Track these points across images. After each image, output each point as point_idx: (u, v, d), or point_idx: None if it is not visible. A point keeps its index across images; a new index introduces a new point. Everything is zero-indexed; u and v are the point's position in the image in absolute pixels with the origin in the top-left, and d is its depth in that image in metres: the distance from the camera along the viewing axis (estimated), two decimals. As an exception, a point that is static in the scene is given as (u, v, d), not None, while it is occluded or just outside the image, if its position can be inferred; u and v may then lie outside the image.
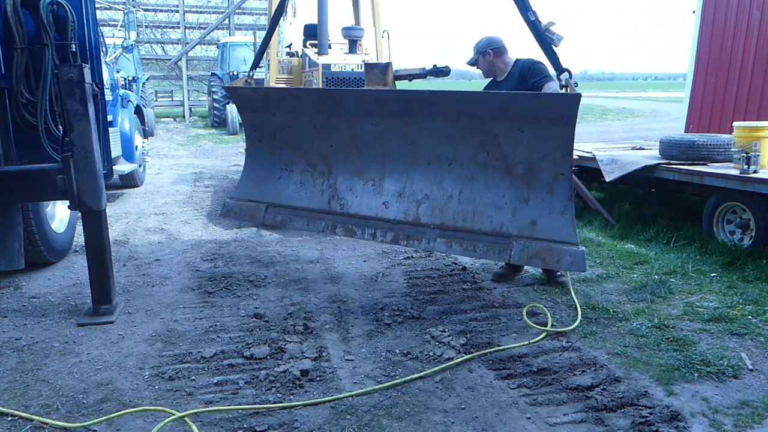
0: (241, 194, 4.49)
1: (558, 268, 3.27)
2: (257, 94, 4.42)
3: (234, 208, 4.50)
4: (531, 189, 3.42)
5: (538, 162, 3.35)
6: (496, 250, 3.46)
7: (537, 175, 3.38)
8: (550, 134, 3.25)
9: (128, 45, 9.13)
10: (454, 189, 3.68)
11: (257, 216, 4.36)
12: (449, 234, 3.63)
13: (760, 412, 2.68)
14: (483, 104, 3.49)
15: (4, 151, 3.92)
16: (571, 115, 3.13)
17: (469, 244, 3.55)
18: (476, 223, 3.56)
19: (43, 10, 3.77)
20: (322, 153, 4.17)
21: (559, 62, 3.48)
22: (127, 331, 3.55)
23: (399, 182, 3.89)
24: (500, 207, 3.50)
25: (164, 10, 22.08)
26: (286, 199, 4.29)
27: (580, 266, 3.23)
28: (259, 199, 4.38)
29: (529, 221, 3.40)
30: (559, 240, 3.28)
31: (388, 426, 2.57)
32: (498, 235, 3.48)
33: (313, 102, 4.11)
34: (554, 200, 3.34)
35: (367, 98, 3.98)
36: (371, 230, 3.90)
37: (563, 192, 3.31)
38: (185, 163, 11.35)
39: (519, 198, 3.46)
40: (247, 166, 4.56)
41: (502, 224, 3.48)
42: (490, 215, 3.53)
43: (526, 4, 3.52)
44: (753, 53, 7.64)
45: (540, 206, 3.38)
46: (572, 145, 3.23)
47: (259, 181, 4.44)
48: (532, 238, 3.37)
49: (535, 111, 3.28)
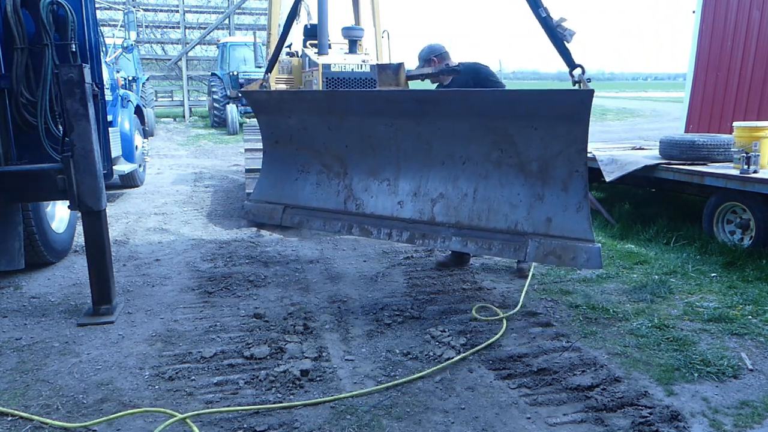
0: (259, 196, 4.53)
1: (574, 266, 3.24)
2: (272, 97, 4.45)
3: (253, 210, 4.55)
4: (545, 186, 3.40)
5: (553, 159, 3.33)
6: (512, 248, 3.44)
7: (551, 172, 3.36)
8: (564, 131, 3.22)
9: (128, 45, 9.13)
10: (468, 187, 3.67)
11: (275, 217, 4.39)
12: (464, 232, 3.61)
13: (760, 412, 2.68)
14: (495, 102, 3.49)
15: (4, 151, 3.92)
16: (585, 111, 3.10)
17: (485, 242, 3.53)
18: (491, 221, 3.54)
19: (43, 10, 3.77)
20: (337, 154, 4.18)
21: (572, 58, 3.47)
22: (127, 331, 3.55)
23: (414, 182, 3.89)
24: (515, 205, 3.49)
25: (164, 10, 22.08)
26: (303, 200, 4.31)
27: (596, 263, 3.17)
28: (277, 200, 4.41)
29: (544, 218, 3.38)
30: (575, 237, 3.25)
31: (388, 426, 2.57)
32: (513, 233, 3.46)
33: (325, 104, 4.12)
34: (569, 197, 3.31)
35: (379, 99, 3.98)
36: (387, 230, 3.90)
37: (578, 189, 3.28)
38: (185, 163, 11.35)
39: (534, 195, 3.44)
40: (264, 168, 4.59)
41: (517, 222, 3.46)
42: (505, 213, 3.51)
43: (538, 1, 3.53)
44: (753, 53, 7.64)
45: (555, 203, 3.36)
46: (586, 142, 3.20)
47: (276, 183, 4.47)
48: (547, 236, 3.35)
49: (548, 108, 3.26)
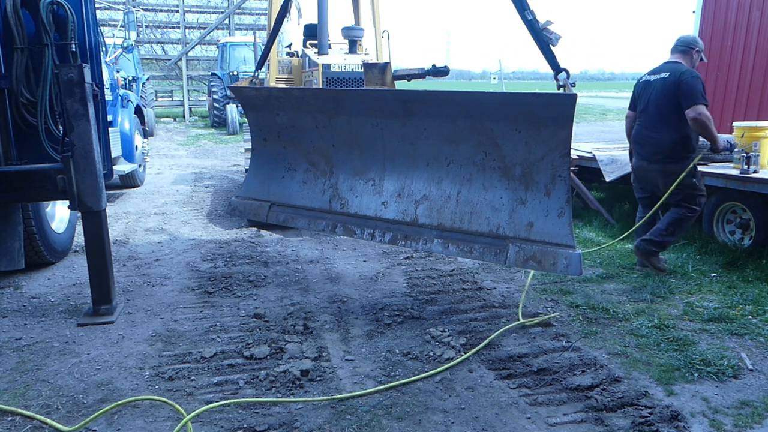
0: (246, 193, 4.55)
1: (554, 271, 3.24)
2: (261, 94, 4.42)
3: (239, 207, 4.56)
4: (528, 191, 3.40)
5: (536, 163, 3.33)
6: (492, 252, 3.44)
7: (534, 176, 3.36)
8: (548, 135, 3.23)
9: (128, 45, 9.14)
10: (452, 190, 3.67)
11: (260, 214, 4.40)
12: (447, 235, 3.61)
13: (760, 412, 2.68)
14: (480, 104, 3.48)
15: (4, 151, 3.92)
16: (568, 115, 3.11)
17: (466, 245, 3.53)
18: (473, 225, 3.54)
19: (43, 10, 3.77)
20: (324, 153, 4.18)
21: (557, 62, 3.47)
22: (127, 331, 3.55)
23: (398, 182, 3.89)
24: (497, 208, 3.49)
25: (164, 10, 22.06)
26: (289, 198, 4.32)
27: (576, 269, 3.16)
28: (263, 197, 4.43)
29: (526, 223, 3.38)
30: (555, 243, 3.25)
31: (388, 426, 2.57)
32: (495, 237, 3.46)
33: (314, 102, 4.11)
34: (551, 202, 3.31)
35: (367, 98, 3.97)
36: (370, 230, 3.90)
37: (560, 194, 3.28)
38: (185, 163, 11.35)
39: (516, 200, 3.44)
40: (252, 166, 4.60)
41: (499, 226, 3.46)
42: (488, 216, 3.51)
43: (524, 3, 3.51)
44: (753, 53, 7.63)
45: (537, 208, 3.36)
46: (570, 146, 3.21)
47: (263, 180, 4.48)
48: (528, 240, 3.35)
49: (531, 111, 3.26)
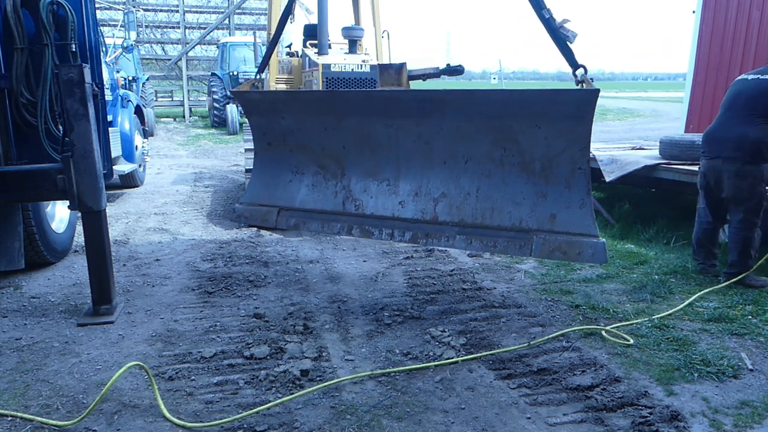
0: (251, 198, 4.43)
1: (580, 260, 3.29)
2: (265, 97, 4.39)
3: (245, 213, 4.45)
4: (549, 184, 3.40)
5: (556, 157, 3.33)
6: (517, 245, 3.45)
7: (554, 170, 3.37)
8: (568, 130, 3.23)
9: (128, 45, 9.13)
10: (471, 186, 3.66)
11: (269, 220, 4.29)
12: (469, 231, 3.60)
13: (760, 412, 2.68)
14: (499, 102, 3.48)
15: (4, 151, 3.92)
16: (589, 110, 3.12)
17: (490, 240, 3.53)
18: (495, 219, 3.54)
19: (43, 10, 3.77)
20: (334, 155, 4.13)
21: (575, 58, 3.50)
22: (127, 331, 3.55)
23: (415, 182, 3.86)
24: (518, 203, 3.49)
25: (164, 10, 22.05)
26: (299, 202, 4.24)
27: (602, 257, 3.21)
28: (270, 202, 4.32)
29: (549, 215, 3.39)
30: (579, 233, 3.27)
31: (388, 426, 2.57)
32: (518, 230, 3.46)
33: (323, 104, 4.08)
34: (572, 194, 3.32)
35: (379, 99, 3.95)
36: (389, 230, 3.87)
37: (581, 186, 3.29)
38: (185, 163, 11.35)
39: (537, 193, 3.44)
40: (255, 170, 4.51)
41: (522, 219, 3.46)
42: (509, 211, 3.51)
43: (540, 2, 3.55)
44: (753, 53, 7.63)
45: (558, 201, 3.37)
46: (590, 140, 3.22)
47: (269, 185, 4.38)
48: (552, 232, 3.36)
49: (553, 107, 3.27)
